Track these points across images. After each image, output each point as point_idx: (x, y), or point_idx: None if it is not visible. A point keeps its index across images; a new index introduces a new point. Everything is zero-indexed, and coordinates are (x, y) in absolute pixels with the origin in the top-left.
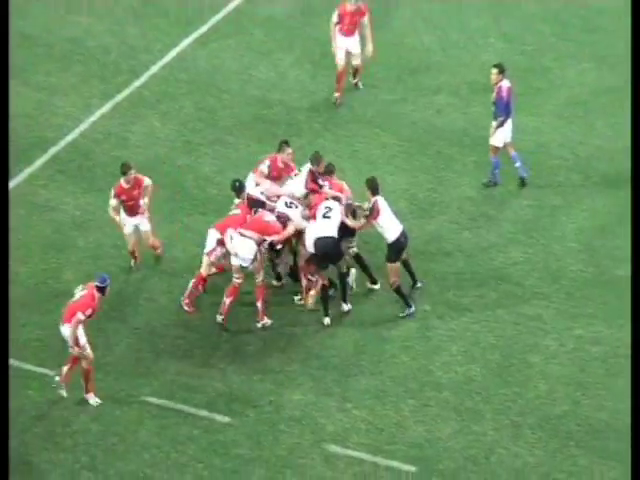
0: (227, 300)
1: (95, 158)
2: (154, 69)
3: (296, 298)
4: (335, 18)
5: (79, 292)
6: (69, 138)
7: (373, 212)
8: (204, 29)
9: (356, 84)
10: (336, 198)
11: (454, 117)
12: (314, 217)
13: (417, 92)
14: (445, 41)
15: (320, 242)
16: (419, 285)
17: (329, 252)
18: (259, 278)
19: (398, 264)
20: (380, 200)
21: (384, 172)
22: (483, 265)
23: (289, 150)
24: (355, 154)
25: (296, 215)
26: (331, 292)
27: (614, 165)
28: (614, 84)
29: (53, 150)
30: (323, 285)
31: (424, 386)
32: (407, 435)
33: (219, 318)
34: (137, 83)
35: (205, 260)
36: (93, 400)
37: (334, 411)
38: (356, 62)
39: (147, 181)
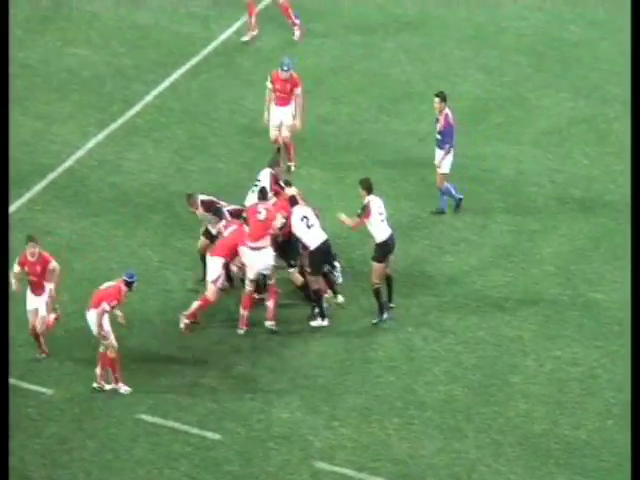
0: (246, 313)
1: (90, 184)
2: (148, 98)
3: (313, 324)
4: (269, 84)
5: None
6: (66, 165)
7: (365, 211)
8: (195, 60)
9: (289, 168)
10: (293, 198)
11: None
12: (292, 229)
13: (400, 121)
14: (427, 72)
15: (321, 249)
16: (392, 305)
17: (328, 256)
18: (272, 280)
19: (382, 266)
20: (373, 200)
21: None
22: (464, 288)
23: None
24: (341, 180)
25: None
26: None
27: (590, 192)
28: (589, 113)
29: (51, 176)
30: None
31: (408, 405)
32: (392, 452)
33: (241, 331)
34: (131, 112)
35: (211, 288)
36: (124, 389)
37: (321, 429)
38: (285, 134)
39: (53, 264)
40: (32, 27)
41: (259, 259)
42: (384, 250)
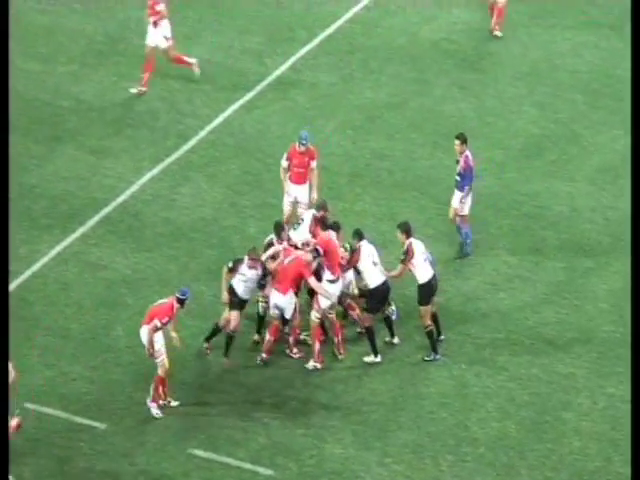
0: (272, 338)
1: (144, 219)
2: (202, 134)
3: (366, 359)
4: (284, 163)
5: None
6: (120, 199)
7: (408, 254)
8: (250, 95)
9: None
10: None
11: (489, 182)
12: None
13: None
14: (481, 108)
15: (381, 289)
16: (441, 337)
17: (386, 297)
18: (296, 321)
19: (430, 307)
20: (414, 242)
21: (422, 234)
22: (518, 325)
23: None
24: (394, 217)
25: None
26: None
27: None
28: None
29: (105, 211)
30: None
31: (461, 441)
32: None
33: (262, 357)
34: (185, 147)
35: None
36: (155, 411)
37: (374, 465)
38: (299, 211)
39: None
40: (87, 62)
41: (336, 290)
42: (428, 292)
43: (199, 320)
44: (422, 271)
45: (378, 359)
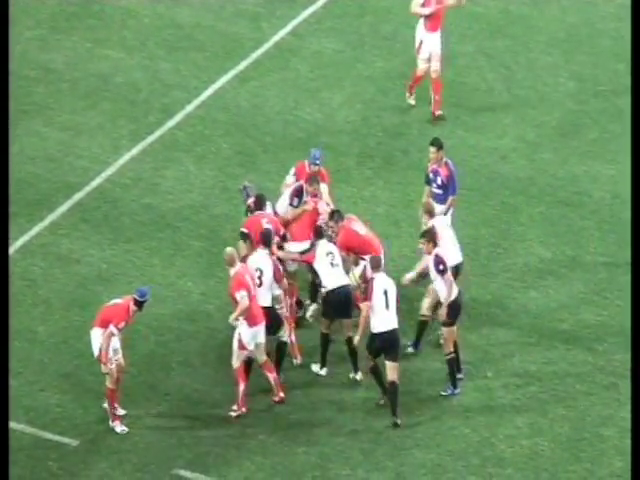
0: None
1: (123, 206)
2: (189, 108)
3: (313, 368)
4: (290, 179)
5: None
6: (95, 183)
7: (440, 265)
8: (244, 64)
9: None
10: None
11: (520, 164)
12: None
13: (479, 136)
14: (510, 80)
15: (338, 293)
16: (460, 376)
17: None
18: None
19: (455, 329)
20: (441, 252)
21: None
22: (552, 328)
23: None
24: (411, 204)
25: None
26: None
27: None
28: None
29: (77, 196)
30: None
31: (486, 461)
32: None
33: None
34: (170, 123)
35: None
36: (120, 428)
37: None
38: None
39: None
40: (58, 26)
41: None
42: (456, 309)
43: (186, 322)
44: (450, 287)
45: (322, 372)
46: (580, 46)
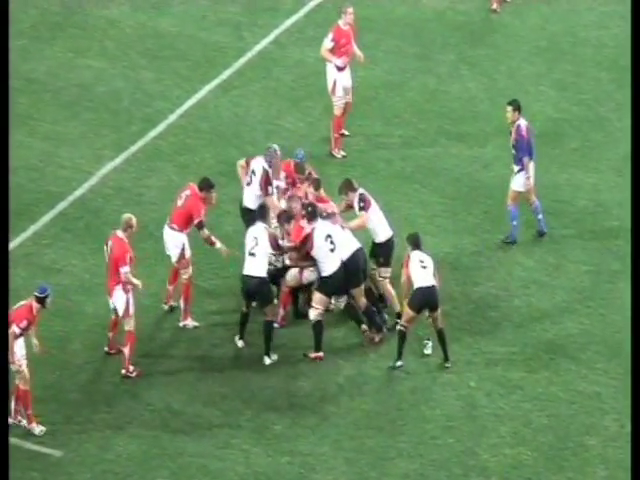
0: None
1: (105, 216)
2: (172, 118)
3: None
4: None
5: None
6: (77, 193)
7: (365, 201)
8: (227, 74)
9: None
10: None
11: (503, 172)
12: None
13: (462, 144)
14: (492, 89)
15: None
16: (447, 365)
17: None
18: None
19: (414, 316)
20: (366, 194)
21: (425, 233)
22: (535, 337)
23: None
24: (392, 212)
25: None
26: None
27: None
28: None
29: (60, 206)
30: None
31: (469, 471)
32: None
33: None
34: (153, 133)
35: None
36: (38, 429)
37: None
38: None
39: None
40: (40, 35)
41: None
42: (420, 299)
43: (168, 332)
44: (419, 279)
45: (312, 355)
46: (562, 55)
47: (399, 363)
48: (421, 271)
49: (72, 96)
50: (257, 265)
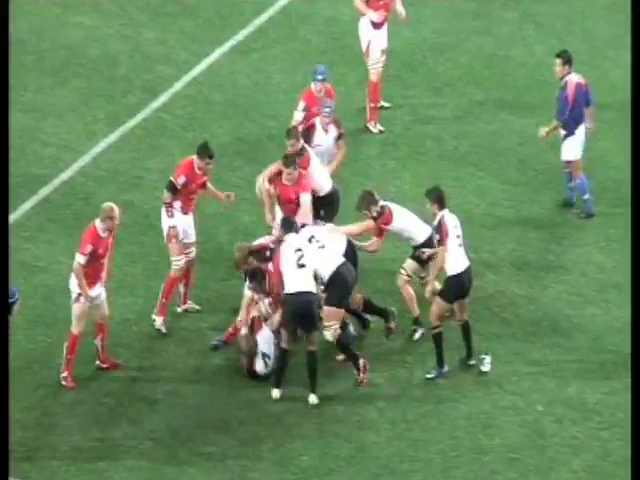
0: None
1: (98, 203)
2: (177, 86)
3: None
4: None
5: None
6: (64, 176)
7: (442, 232)
8: (244, 34)
9: None
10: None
11: None
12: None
13: (526, 120)
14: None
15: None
16: (471, 362)
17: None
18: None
19: (447, 306)
20: (447, 216)
21: (481, 225)
22: (614, 351)
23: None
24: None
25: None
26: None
27: None
28: None
29: (43, 191)
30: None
31: None
32: None
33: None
34: (155, 104)
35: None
36: None
37: None
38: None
39: None
40: None
41: None
42: (456, 288)
43: (174, 344)
44: (455, 258)
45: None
46: None
47: (445, 369)
48: (459, 250)
49: (59, 60)
50: (309, 278)
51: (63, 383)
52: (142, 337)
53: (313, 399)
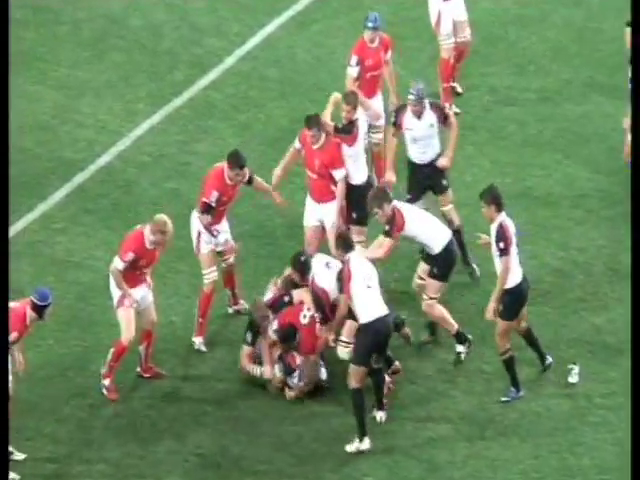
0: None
1: (140, 192)
2: (229, 61)
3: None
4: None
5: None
6: (102, 161)
7: (506, 240)
8: (304, 3)
9: None
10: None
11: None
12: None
13: (619, 101)
14: None
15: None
16: (549, 362)
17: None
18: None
19: (513, 324)
20: (508, 220)
21: (569, 219)
22: None
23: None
24: (527, 192)
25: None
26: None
27: None
28: None
29: (78, 179)
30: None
31: None
32: None
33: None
34: (203, 82)
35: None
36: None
37: None
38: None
39: None
40: None
41: None
42: (518, 301)
43: (221, 351)
44: (515, 269)
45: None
46: None
47: (521, 393)
48: (516, 259)
49: (97, 31)
50: (380, 299)
51: (104, 393)
52: (188, 342)
53: (381, 416)
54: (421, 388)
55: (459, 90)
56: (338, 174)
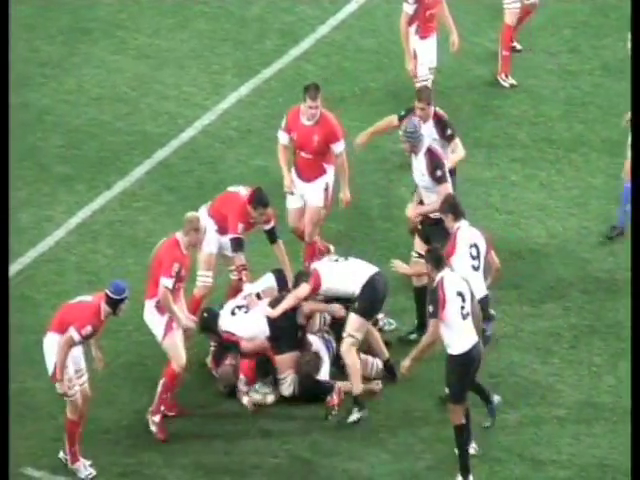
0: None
1: (226, 169)
2: (322, 30)
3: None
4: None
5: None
6: (185, 136)
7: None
8: None
9: None
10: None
11: None
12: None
13: None
14: None
15: None
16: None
17: None
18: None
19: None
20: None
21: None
22: None
23: None
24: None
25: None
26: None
27: None
28: None
29: (160, 154)
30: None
31: None
32: None
33: None
34: (294, 52)
35: None
36: (86, 472)
37: None
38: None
39: None
40: None
41: None
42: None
43: None
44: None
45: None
46: None
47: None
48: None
49: None
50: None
51: (152, 429)
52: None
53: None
54: (525, 381)
55: (518, 47)
56: (338, 147)
